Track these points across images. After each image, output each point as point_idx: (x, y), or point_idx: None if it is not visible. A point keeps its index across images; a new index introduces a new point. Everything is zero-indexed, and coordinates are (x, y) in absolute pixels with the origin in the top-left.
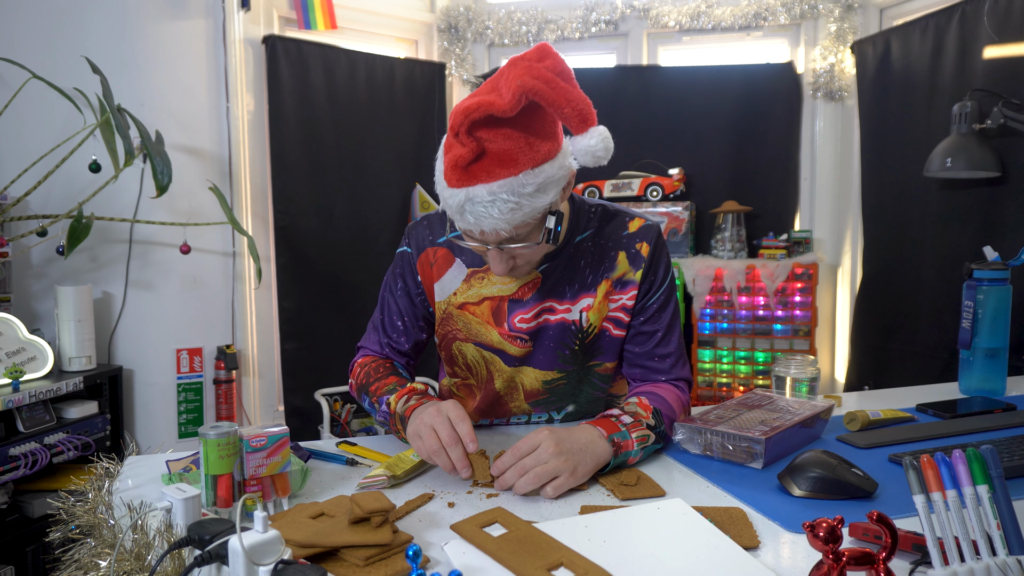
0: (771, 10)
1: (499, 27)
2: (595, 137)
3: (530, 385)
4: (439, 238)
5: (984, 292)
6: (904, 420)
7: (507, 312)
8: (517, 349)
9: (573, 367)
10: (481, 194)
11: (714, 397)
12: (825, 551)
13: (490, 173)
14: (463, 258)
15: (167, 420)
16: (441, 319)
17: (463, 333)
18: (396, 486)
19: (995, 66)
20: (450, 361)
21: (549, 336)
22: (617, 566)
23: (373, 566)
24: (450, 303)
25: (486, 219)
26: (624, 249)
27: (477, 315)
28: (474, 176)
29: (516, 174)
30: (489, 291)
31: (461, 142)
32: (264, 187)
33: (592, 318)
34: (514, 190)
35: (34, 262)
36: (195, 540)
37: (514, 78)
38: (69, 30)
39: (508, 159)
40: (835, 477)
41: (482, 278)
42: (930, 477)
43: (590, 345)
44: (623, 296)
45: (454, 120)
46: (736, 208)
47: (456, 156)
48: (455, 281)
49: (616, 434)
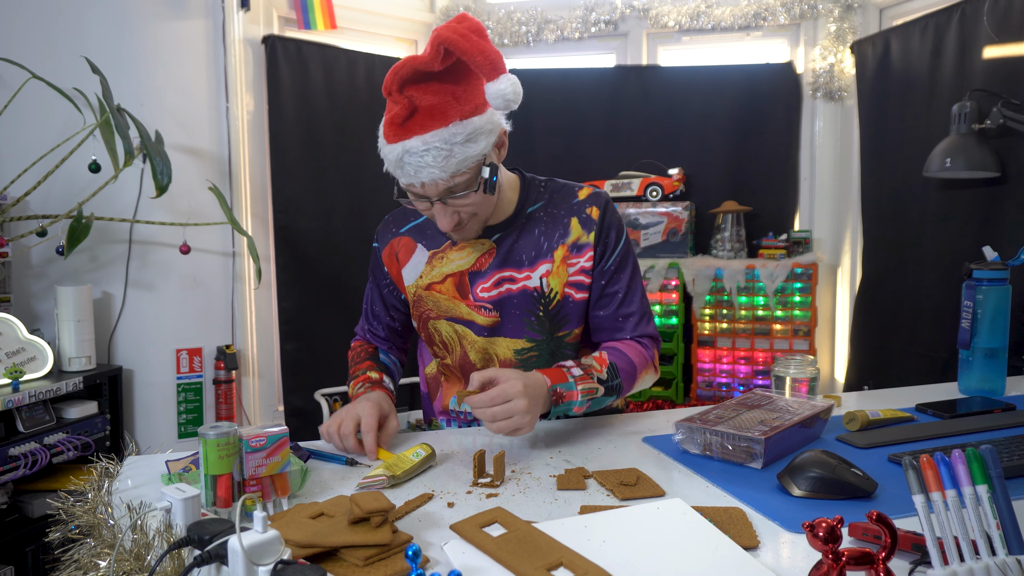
0: (771, 10)
1: (499, 27)
2: (505, 82)
3: (503, 355)
4: (401, 228)
5: (983, 292)
6: (904, 420)
7: (469, 284)
8: (484, 319)
9: (542, 336)
10: (416, 145)
11: (714, 397)
12: (825, 551)
13: (423, 126)
14: (423, 243)
15: (167, 420)
16: (413, 302)
17: (434, 311)
18: (395, 486)
19: (994, 66)
20: (429, 341)
21: (513, 304)
22: (617, 566)
23: (373, 566)
24: (418, 286)
25: (423, 169)
26: (575, 215)
27: (443, 292)
28: (408, 130)
29: (446, 124)
30: (449, 268)
31: (394, 100)
32: (264, 187)
33: (553, 283)
34: (445, 139)
35: (34, 262)
36: (195, 540)
37: (433, 35)
38: (69, 30)
39: (438, 112)
40: (835, 477)
41: (442, 258)
42: (929, 477)
43: (555, 313)
44: (580, 259)
45: (386, 81)
46: (736, 208)
47: (392, 115)
48: (419, 265)
49: (561, 384)
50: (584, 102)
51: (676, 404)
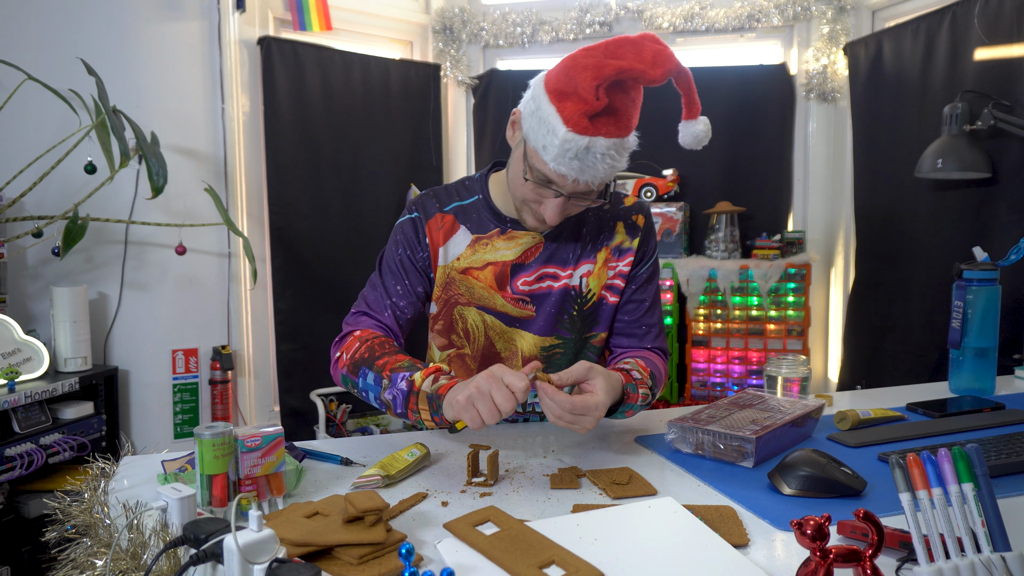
0: (764, 12)
1: (494, 28)
2: (703, 124)
3: (528, 351)
4: (446, 205)
5: (974, 292)
6: (894, 419)
7: (510, 276)
8: (520, 311)
9: (571, 335)
10: (600, 145)
11: (708, 397)
12: (812, 548)
13: (610, 129)
14: (468, 225)
15: (163, 420)
16: (443, 284)
17: (465, 297)
18: (390, 485)
19: (986, 68)
20: (447, 329)
21: (551, 301)
22: (608, 564)
23: (367, 564)
24: (453, 268)
25: (591, 170)
26: (622, 219)
27: (481, 280)
28: (598, 127)
29: (627, 135)
30: (493, 256)
31: (596, 95)
32: (259, 188)
33: (592, 284)
34: (621, 150)
35: (30, 263)
36: (190, 539)
37: (666, 60)
38: (64, 31)
39: (626, 119)
40: (824, 476)
41: (486, 244)
42: (916, 475)
43: (589, 313)
44: (620, 263)
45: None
46: (730, 209)
47: (588, 106)
48: (459, 246)
49: (628, 384)
50: None
51: (670, 404)
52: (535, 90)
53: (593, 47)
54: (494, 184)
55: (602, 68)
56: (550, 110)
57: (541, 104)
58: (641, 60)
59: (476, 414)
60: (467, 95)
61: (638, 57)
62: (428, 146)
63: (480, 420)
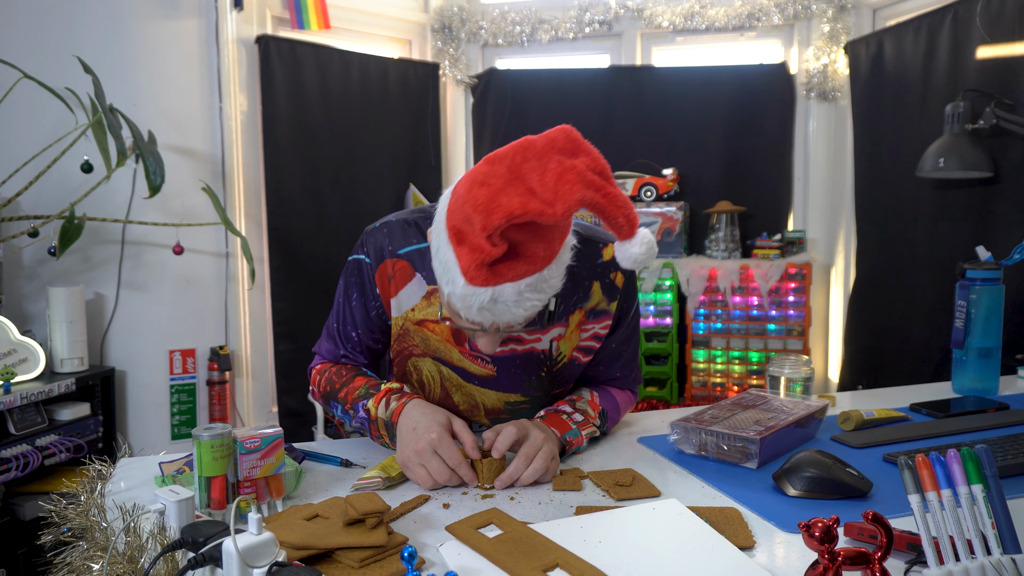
0: (764, 11)
1: (493, 27)
2: (639, 245)
3: (492, 404)
4: (399, 249)
5: (977, 292)
6: (898, 420)
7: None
8: (479, 369)
9: (539, 393)
10: (508, 293)
11: (708, 397)
12: (821, 551)
13: (516, 272)
14: (423, 273)
15: (160, 422)
16: (397, 335)
17: (420, 348)
18: (391, 487)
19: (987, 66)
20: (402, 378)
21: (516, 364)
22: (612, 567)
23: (368, 568)
24: (407, 319)
25: (507, 315)
26: (599, 279)
27: (437, 332)
28: (500, 275)
29: (540, 270)
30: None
31: (492, 242)
32: (257, 188)
33: (563, 347)
34: (538, 286)
35: (25, 263)
36: (188, 542)
37: (568, 190)
38: (61, 30)
39: (536, 256)
40: (830, 477)
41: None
42: (925, 477)
43: (558, 374)
44: (596, 325)
45: (490, 220)
46: (730, 208)
47: (484, 255)
48: (414, 297)
49: (568, 432)
50: (578, 102)
51: (671, 404)
52: (437, 223)
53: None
54: None
55: (491, 213)
56: (450, 256)
57: (441, 245)
58: (543, 195)
59: (425, 476)
60: (466, 94)
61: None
62: (427, 145)
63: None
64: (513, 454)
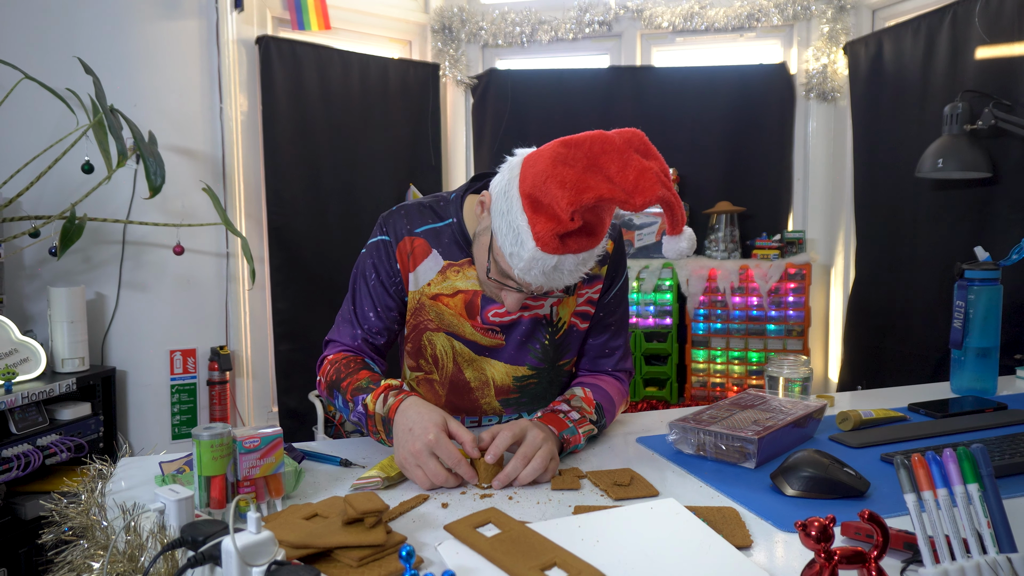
0: (764, 11)
1: (493, 28)
2: (686, 240)
3: (501, 380)
4: (416, 228)
5: (975, 292)
6: (896, 420)
7: (480, 306)
8: (489, 340)
9: (544, 364)
10: (569, 263)
11: (707, 397)
12: (817, 550)
13: (581, 245)
14: (439, 250)
15: (160, 421)
16: (413, 309)
17: (434, 323)
18: (390, 487)
19: (986, 67)
20: (416, 353)
21: (521, 331)
22: (610, 566)
23: (367, 567)
24: (423, 293)
25: (557, 281)
26: None
27: (450, 307)
28: (567, 246)
29: (595, 245)
30: (464, 284)
31: (572, 218)
32: (258, 188)
33: (562, 312)
34: (589, 260)
35: (27, 263)
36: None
37: (649, 187)
38: (61, 30)
39: (599, 233)
40: (827, 476)
41: (457, 271)
42: (921, 476)
43: (560, 341)
44: (589, 290)
45: (580, 198)
46: (729, 208)
47: (561, 227)
48: (430, 272)
49: (565, 431)
50: (578, 103)
51: (670, 404)
52: (509, 188)
53: (575, 152)
54: (468, 208)
55: (582, 192)
56: (522, 221)
57: (513, 208)
58: (623, 185)
59: (422, 476)
60: (466, 95)
61: (621, 179)
62: (427, 146)
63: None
64: (512, 454)
